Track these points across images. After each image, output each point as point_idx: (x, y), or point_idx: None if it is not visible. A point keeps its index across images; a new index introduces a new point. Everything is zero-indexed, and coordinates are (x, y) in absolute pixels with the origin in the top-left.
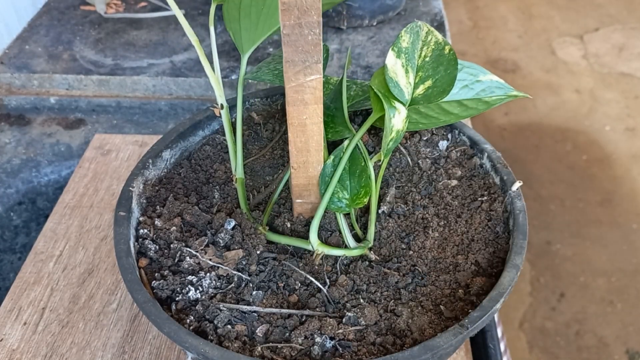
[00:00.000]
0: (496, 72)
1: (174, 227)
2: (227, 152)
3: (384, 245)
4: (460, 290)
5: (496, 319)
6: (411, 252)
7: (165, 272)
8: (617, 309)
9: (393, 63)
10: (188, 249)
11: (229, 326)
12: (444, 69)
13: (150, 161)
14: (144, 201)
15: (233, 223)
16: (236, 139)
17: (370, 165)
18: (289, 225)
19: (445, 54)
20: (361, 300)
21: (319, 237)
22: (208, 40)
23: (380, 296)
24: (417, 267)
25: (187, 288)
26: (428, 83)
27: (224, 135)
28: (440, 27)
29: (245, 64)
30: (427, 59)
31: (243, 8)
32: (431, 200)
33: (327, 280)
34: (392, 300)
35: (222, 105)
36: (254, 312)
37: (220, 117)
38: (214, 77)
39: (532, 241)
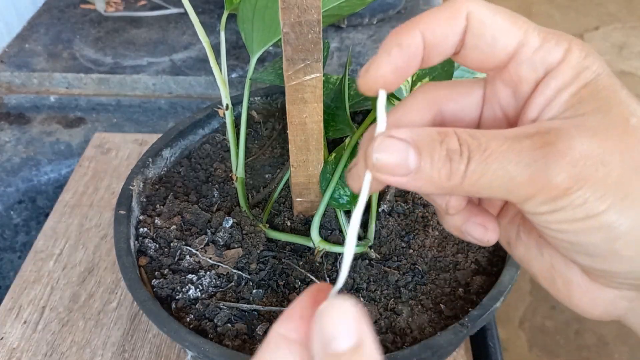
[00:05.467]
0: None
1: (174, 226)
2: (227, 150)
3: (384, 243)
4: (460, 289)
5: None
6: (411, 251)
7: (165, 271)
8: None
9: None
10: (188, 247)
11: (229, 324)
12: (441, 66)
13: (150, 160)
14: (144, 200)
15: (232, 221)
16: (239, 138)
17: None
18: (289, 223)
19: None
20: (361, 299)
21: (320, 235)
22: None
23: (380, 295)
24: (417, 266)
25: (187, 287)
26: (425, 80)
27: (224, 134)
28: None
29: (254, 64)
30: None
31: (258, 9)
32: None
33: (327, 279)
34: (392, 299)
35: (227, 105)
36: (254, 310)
37: (224, 117)
38: (221, 79)
39: None
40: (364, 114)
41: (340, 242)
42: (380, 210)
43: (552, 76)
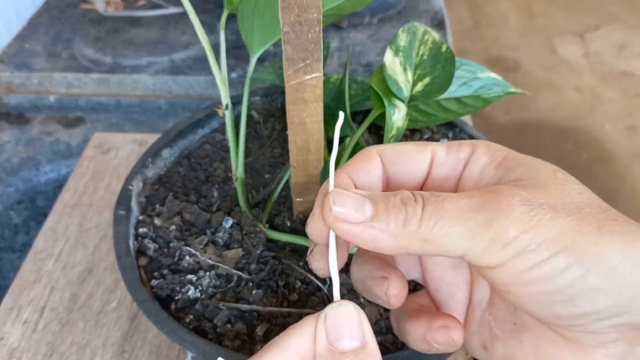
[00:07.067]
0: (497, 70)
1: (174, 226)
2: (227, 150)
3: None
4: None
5: None
6: None
7: (165, 271)
8: None
9: (391, 61)
10: (187, 247)
11: (229, 325)
12: (442, 67)
13: (150, 160)
14: (144, 200)
15: (232, 222)
16: (239, 138)
17: None
18: (289, 224)
19: (442, 52)
20: (361, 299)
21: None
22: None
23: None
24: None
25: (186, 287)
26: (426, 80)
27: (223, 134)
28: (440, 25)
29: (254, 64)
30: (425, 57)
31: (258, 8)
32: None
33: (328, 279)
34: None
35: (227, 105)
36: (254, 311)
37: (224, 117)
38: (221, 79)
39: None
40: (364, 113)
41: None
42: None
43: (472, 162)
